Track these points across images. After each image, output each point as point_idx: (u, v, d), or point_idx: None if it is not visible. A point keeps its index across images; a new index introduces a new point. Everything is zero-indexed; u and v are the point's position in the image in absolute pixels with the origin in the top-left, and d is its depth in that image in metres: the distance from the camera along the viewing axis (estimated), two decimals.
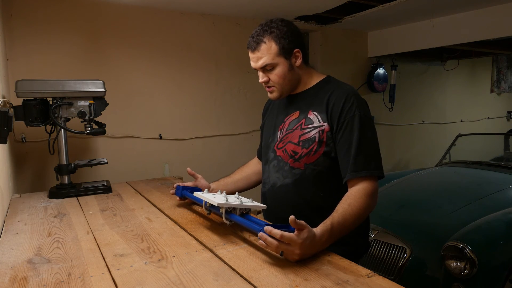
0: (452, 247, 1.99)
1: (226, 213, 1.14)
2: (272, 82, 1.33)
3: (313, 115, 1.31)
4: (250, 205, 1.16)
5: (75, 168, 1.91)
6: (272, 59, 1.28)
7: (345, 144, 1.23)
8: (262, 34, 1.28)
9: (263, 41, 1.28)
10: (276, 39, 1.27)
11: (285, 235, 0.95)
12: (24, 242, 1.20)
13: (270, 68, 1.30)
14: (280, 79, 1.31)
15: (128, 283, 0.90)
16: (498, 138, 4.15)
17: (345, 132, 1.24)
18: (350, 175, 1.21)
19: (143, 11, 3.10)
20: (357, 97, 1.28)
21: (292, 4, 3.15)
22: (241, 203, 1.16)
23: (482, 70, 6.05)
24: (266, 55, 1.28)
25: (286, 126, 1.38)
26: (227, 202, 1.13)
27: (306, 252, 0.99)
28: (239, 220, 1.13)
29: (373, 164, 1.22)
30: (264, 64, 1.29)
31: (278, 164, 1.37)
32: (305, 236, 0.97)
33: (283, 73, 1.30)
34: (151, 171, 3.16)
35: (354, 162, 1.21)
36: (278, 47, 1.27)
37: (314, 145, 1.28)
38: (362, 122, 1.23)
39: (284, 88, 1.34)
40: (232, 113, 3.64)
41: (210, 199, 1.16)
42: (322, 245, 1.05)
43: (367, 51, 4.51)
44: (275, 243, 0.96)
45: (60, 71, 2.80)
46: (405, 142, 5.08)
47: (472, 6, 3.36)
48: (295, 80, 1.35)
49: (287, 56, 1.29)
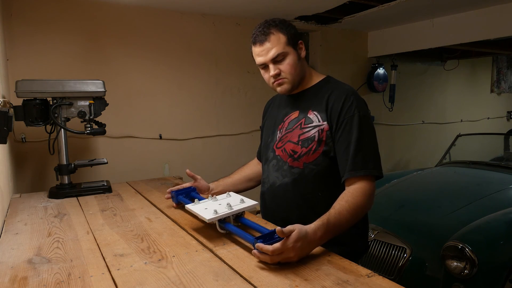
0: (452, 247, 1.99)
1: (220, 222, 1.17)
2: (283, 74, 1.31)
3: (312, 115, 1.32)
4: (241, 208, 1.19)
5: (75, 168, 1.91)
6: (283, 48, 1.28)
7: (344, 143, 1.24)
8: (268, 27, 1.28)
9: (272, 33, 1.27)
10: (283, 30, 1.28)
11: (275, 248, 0.95)
12: (24, 242, 1.20)
13: (281, 59, 1.29)
14: (292, 69, 1.30)
15: (128, 283, 0.90)
16: (498, 138, 4.15)
17: (344, 132, 1.24)
18: (349, 174, 1.21)
19: (143, 11, 3.10)
20: (357, 96, 1.28)
21: (292, 4, 3.15)
22: (231, 209, 1.17)
23: (482, 70, 6.05)
24: (277, 45, 1.27)
25: (286, 125, 1.38)
26: (217, 214, 1.14)
27: (301, 253, 0.99)
28: (233, 231, 1.14)
29: (371, 164, 1.22)
30: (276, 54, 1.27)
31: (277, 163, 1.37)
32: (294, 239, 0.97)
33: (294, 63, 1.30)
34: (151, 171, 3.16)
35: (352, 162, 1.21)
36: (286, 36, 1.28)
37: (313, 144, 1.28)
38: (361, 122, 1.24)
39: (295, 79, 1.32)
40: (232, 113, 3.64)
41: (200, 215, 1.16)
42: (318, 241, 1.04)
43: (367, 51, 4.51)
44: (268, 258, 0.96)
45: (60, 71, 2.80)
46: (405, 142, 5.08)
47: (472, 6, 3.36)
48: (303, 72, 1.35)
49: (294, 46, 1.30)
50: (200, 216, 1.17)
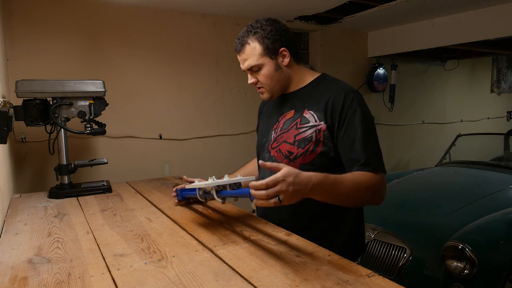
0: (452, 247, 1.99)
1: (217, 192, 1.19)
2: (260, 83, 1.32)
3: (309, 114, 1.28)
4: (239, 179, 1.20)
5: (75, 168, 1.91)
6: (257, 60, 1.27)
7: (349, 140, 1.20)
8: (247, 35, 1.27)
9: (247, 42, 1.27)
10: (260, 39, 1.25)
11: (269, 180, 0.94)
12: (24, 242, 1.20)
13: (256, 69, 1.29)
14: (267, 80, 1.29)
15: (128, 283, 0.90)
16: (498, 138, 4.15)
17: (347, 128, 1.21)
18: (358, 169, 1.17)
19: (143, 11, 3.10)
20: (356, 93, 1.25)
21: (292, 4, 3.15)
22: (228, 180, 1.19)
23: (482, 70, 6.05)
24: (251, 56, 1.27)
25: (281, 125, 1.35)
26: (215, 181, 1.18)
27: (297, 188, 0.96)
28: (229, 193, 1.16)
29: (379, 159, 1.20)
30: (249, 66, 1.28)
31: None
32: (286, 171, 0.95)
33: (269, 74, 1.28)
34: (151, 171, 3.16)
35: (361, 157, 1.17)
36: (262, 47, 1.25)
37: (310, 144, 1.25)
38: (364, 118, 1.21)
39: (273, 88, 1.32)
40: (232, 113, 3.64)
41: (200, 185, 1.22)
42: (311, 186, 1.00)
43: (367, 51, 4.51)
44: (264, 193, 0.94)
45: (60, 71, 2.80)
46: (405, 142, 5.07)
47: (472, 6, 3.37)
48: (285, 79, 1.32)
49: (272, 56, 1.27)
50: (201, 186, 1.21)
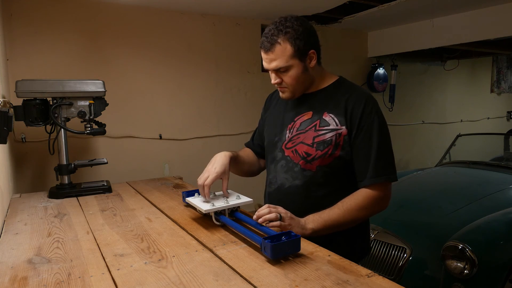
0: (452, 247, 1.99)
1: (216, 215, 1.25)
2: (285, 84, 1.28)
3: (329, 117, 1.27)
4: (237, 204, 1.27)
5: (75, 168, 1.90)
6: (286, 62, 1.22)
7: (364, 149, 1.23)
8: (277, 34, 1.20)
9: (278, 42, 1.20)
10: (292, 40, 1.20)
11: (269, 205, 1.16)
12: (24, 242, 1.20)
13: (283, 70, 1.24)
14: (293, 81, 1.26)
15: (128, 283, 0.90)
16: (498, 138, 4.14)
17: (365, 137, 1.23)
18: (369, 181, 1.22)
19: (143, 11, 3.10)
20: (374, 101, 1.28)
21: (292, 4, 3.15)
22: (227, 204, 1.25)
23: (482, 70, 6.05)
24: (280, 58, 1.21)
25: (297, 125, 1.33)
26: (214, 207, 1.23)
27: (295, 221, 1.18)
28: (227, 222, 1.22)
29: (390, 169, 1.24)
30: (277, 67, 1.23)
31: (287, 164, 1.33)
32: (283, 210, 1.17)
33: (296, 75, 1.25)
34: (151, 171, 3.16)
35: (374, 168, 1.21)
36: (293, 49, 1.20)
37: (329, 147, 1.24)
38: (381, 128, 1.24)
39: (297, 89, 1.30)
40: (232, 113, 3.64)
41: (199, 206, 1.26)
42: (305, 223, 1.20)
43: (367, 51, 4.51)
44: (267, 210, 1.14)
45: (60, 71, 2.80)
46: (405, 142, 5.08)
47: (472, 6, 3.37)
48: (309, 81, 1.30)
49: (301, 57, 1.23)
50: (198, 208, 1.26)
